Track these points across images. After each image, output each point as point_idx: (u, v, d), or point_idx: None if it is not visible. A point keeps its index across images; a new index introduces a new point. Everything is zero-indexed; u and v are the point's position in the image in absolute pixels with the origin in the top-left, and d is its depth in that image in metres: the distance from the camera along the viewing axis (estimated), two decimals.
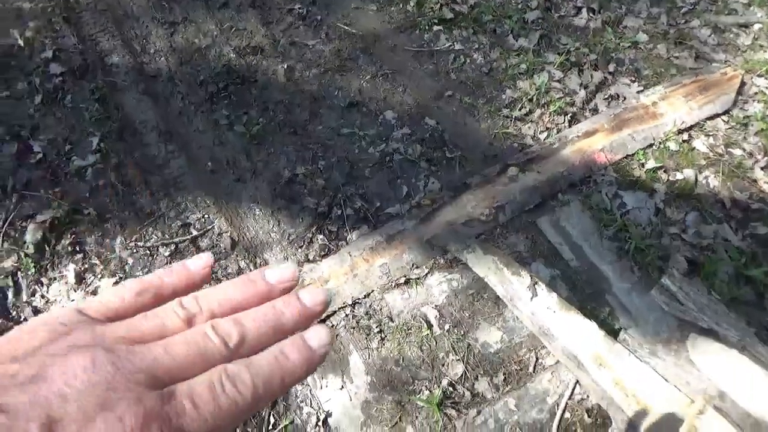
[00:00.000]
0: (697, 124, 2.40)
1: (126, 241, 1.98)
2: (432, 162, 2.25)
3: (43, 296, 1.84)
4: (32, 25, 2.50)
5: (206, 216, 2.08)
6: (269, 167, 2.21)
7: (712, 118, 2.43)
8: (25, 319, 1.80)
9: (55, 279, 1.88)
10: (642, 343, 1.69)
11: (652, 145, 2.33)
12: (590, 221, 2.12)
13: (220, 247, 2.00)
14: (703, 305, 1.75)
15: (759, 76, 2.58)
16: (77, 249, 1.96)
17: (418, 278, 1.97)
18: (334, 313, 1.88)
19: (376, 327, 1.87)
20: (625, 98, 2.48)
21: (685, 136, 2.37)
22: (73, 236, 1.97)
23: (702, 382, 1.56)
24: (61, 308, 0.38)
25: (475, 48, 2.63)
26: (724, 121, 2.44)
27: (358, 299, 1.91)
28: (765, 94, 2.52)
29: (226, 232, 2.04)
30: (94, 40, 2.54)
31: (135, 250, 1.97)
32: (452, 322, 1.90)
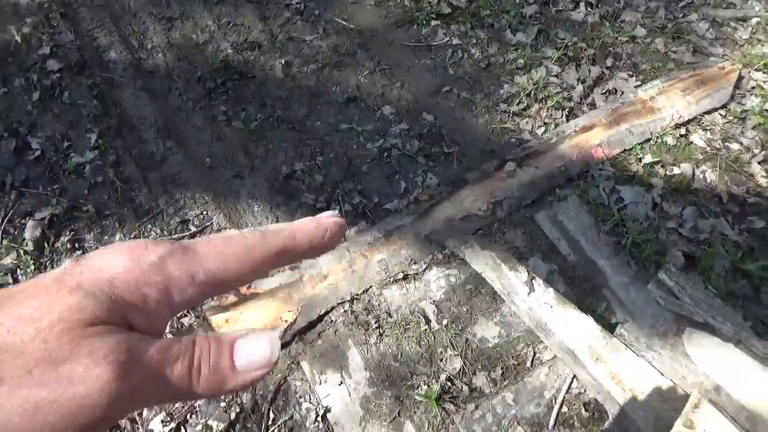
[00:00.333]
0: (695, 118, 2.41)
1: (125, 237, 1.99)
2: (430, 157, 2.25)
3: None
4: (29, 21, 2.49)
5: (205, 212, 2.09)
6: (267, 163, 2.22)
7: (709, 112, 2.43)
8: None
9: None
10: (638, 337, 1.71)
11: (649, 140, 2.34)
12: (588, 216, 2.12)
13: None
14: (698, 299, 1.76)
15: (757, 70, 2.58)
16: (76, 246, 1.96)
17: (417, 274, 1.97)
18: (332, 308, 1.89)
19: (375, 322, 1.88)
20: (622, 93, 2.48)
21: (682, 130, 2.37)
22: (72, 233, 1.98)
23: (698, 376, 1.58)
24: None
25: (473, 43, 2.62)
26: (721, 115, 2.45)
27: (357, 295, 1.92)
28: (762, 89, 2.52)
29: (225, 228, 2.05)
30: (91, 36, 2.53)
31: None
32: (450, 317, 1.91)
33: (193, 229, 2.03)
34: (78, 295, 0.29)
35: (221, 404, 1.71)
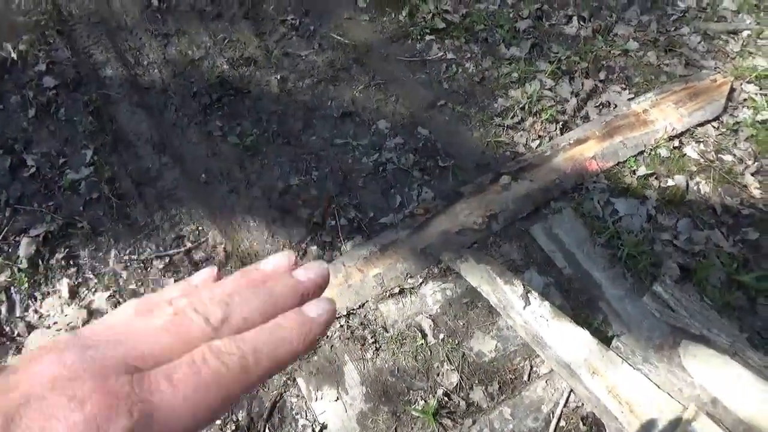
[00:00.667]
0: (688, 130, 2.42)
1: (120, 254, 1.98)
2: (425, 171, 2.26)
3: (36, 311, 1.84)
4: (26, 38, 2.50)
5: (200, 228, 2.09)
6: (263, 178, 2.22)
7: (702, 124, 2.45)
8: (19, 335, 1.79)
9: (48, 293, 1.88)
10: (635, 350, 1.70)
11: (643, 152, 2.35)
12: (583, 229, 2.13)
13: (214, 259, 2.01)
14: (694, 311, 1.76)
15: (748, 82, 2.61)
16: (71, 263, 1.96)
17: (413, 288, 1.97)
18: None
19: (371, 337, 1.87)
20: (615, 106, 2.50)
21: (675, 142, 2.39)
22: (67, 250, 1.97)
23: (694, 389, 1.57)
24: None
25: (467, 57, 2.65)
26: (714, 127, 2.47)
27: (353, 310, 1.92)
28: (754, 101, 2.54)
29: (221, 243, 2.04)
30: (87, 53, 2.55)
31: (129, 263, 1.97)
32: (447, 331, 1.90)
33: (188, 245, 2.03)
34: None
35: (216, 422, 1.69)
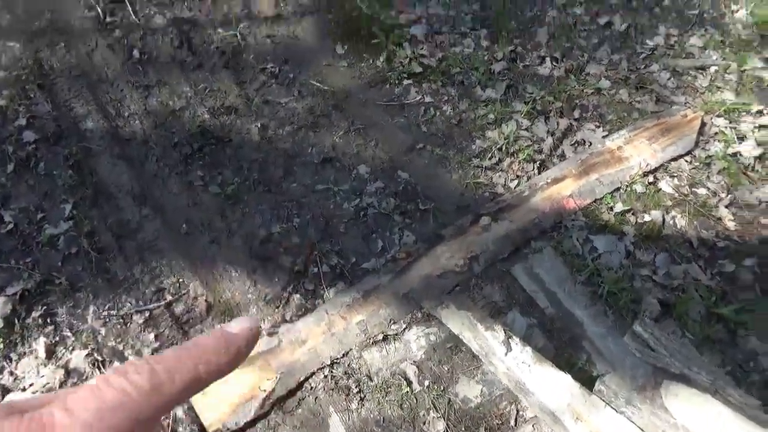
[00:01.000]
0: (662, 165, 2.48)
1: (99, 310, 1.96)
2: (406, 215, 2.28)
3: (11, 373, 1.80)
4: (5, 93, 2.52)
5: (181, 280, 2.07)
6: (244, 227, 2.23)
7: (675, 159, 2.50)
8: None
9: (24, 354, 1.85)
10: (618, 393, 1.70)
11: (619, 189, 2.39)
12: (563, 267, 2.15)
13: (194, 312, 1.99)
14: (674, 350, 1.77)
15: (718, 116, 2.69)
16: (48, 321, 1.93)
17: (396, 334, 1.97)
18: (312, 374, 1.86)
19: (356, 387, 1.85)
20: (590, 143, 2.56)
21: (650, 178, 2.44)
22: (44, 308, 1.95)
23: (677, 430, 1.57)
24: None
25: (444, 100, 2.70)
26: (687, 161, 2.53)
27: (337, 359, 1.90)
28: (725, 134, 2.61)
29: (202, 295, 2.03)
30: (68, 106, 2.57)
31: (108, 319, 1.94)
32: (432, 377, 1.89)
33: (169, 298, 2.01)
34: None
35: None
